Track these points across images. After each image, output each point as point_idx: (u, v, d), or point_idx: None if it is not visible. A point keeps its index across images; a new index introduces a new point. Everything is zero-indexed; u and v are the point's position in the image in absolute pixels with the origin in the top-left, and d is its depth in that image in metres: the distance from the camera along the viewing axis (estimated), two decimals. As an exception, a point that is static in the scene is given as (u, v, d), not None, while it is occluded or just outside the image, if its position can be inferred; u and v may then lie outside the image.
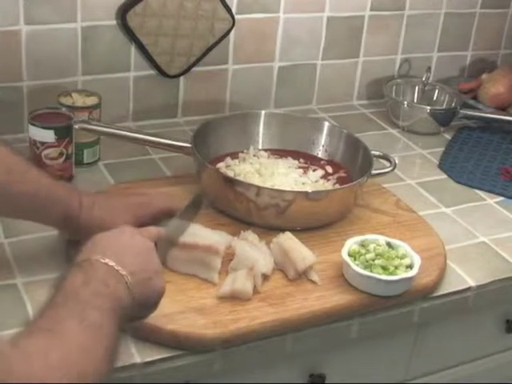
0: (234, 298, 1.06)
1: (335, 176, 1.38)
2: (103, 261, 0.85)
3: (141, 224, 1.09)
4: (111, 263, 0.85)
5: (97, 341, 0.77)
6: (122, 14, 1.48)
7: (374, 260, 1.12)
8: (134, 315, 0.89)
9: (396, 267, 1.12)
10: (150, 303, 0.92)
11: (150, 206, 1.13)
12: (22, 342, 0.73)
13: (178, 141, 1.34)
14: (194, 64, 1.59)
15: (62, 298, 0.80)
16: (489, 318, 1.33)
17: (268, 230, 1.22)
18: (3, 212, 1.07)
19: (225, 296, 1.07)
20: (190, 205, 1.15)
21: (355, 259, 1.13)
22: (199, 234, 1.13)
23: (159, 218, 1.13)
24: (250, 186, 1.23)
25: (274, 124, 1.46)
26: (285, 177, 1.33)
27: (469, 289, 1.21)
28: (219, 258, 1.09)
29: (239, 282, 1.07)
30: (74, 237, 1.10)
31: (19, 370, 0.68)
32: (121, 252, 0.88)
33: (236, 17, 1.58)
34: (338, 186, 1.34)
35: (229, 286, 1.07)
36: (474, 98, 1.82)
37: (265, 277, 1.11)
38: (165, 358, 1.00)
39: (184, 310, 1.04)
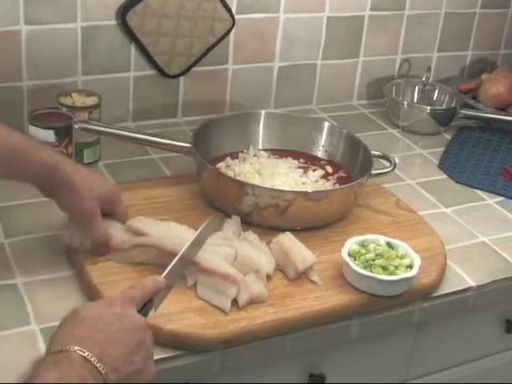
0: (252, 303, 1.05)
1: (335, 176, 1.38)
2: (82, 354, 0.77)
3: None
4: (90, 358, 0.77)
5: None
6: (122, 13, 1.48)
7: (374, 260, 1.12)
8: None
9: (396, 267, 1.12)
10: None
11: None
12: None
13: (178, 141, 1.34)
14: (194, 64, 1.59)
15: None
16: (489, 317, 1.33)
17: (268, 229, 1.22)
18: None
19: (245, 305, 1.05)
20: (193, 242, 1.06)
21: (355, 259, 1.13)
22: (213, 250, 1.10)
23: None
24: (250, 185, 1.23)
25: (274, 124, 1.45)
26: (285, 177, 1.33)
27: (469, 289, 1.21)
28: (236, 287, 1.05)
29: (254, 286, 1.06)
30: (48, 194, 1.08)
31: None
32: (106, 340, 0.80)
33: (236, 17, 1.58)
34: (337, 186, 1.34)
35: (245, 293, 1.05)
36: (474, 97, 1.82)
37: (266, 277, 1.11)
38: (165, 358, 1.00)
39: (184, 310, 1.03)
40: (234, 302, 1.05)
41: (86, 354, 0.77)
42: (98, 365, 0.78)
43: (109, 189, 1.13)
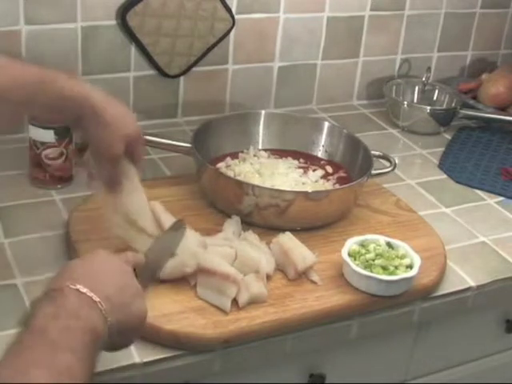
0: (252, 303, 1.06)
1: (335, 176, 1.38)
2: (74, 287, 0.79)
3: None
4: (83, 289, 0.80)
5: None
6: (122, 13, 1.48)
7: (374, 260, 1.12)
8: (114, 342, 0.84)
9: (396, 267, 1.12)
10: (129, 329, 0.85)
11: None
12: None
13: (178, 141, 1.34)
14: (194, 64, 1.59)
15: (30, 338, 0.75)
16: (489, 318, 1.33)
17: (268, 229, 1.22)
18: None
19: (245, 305, 1.05)
20: (170, 229, 1.05)
21: (355, 259, 1.13)
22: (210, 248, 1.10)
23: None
24: (250, 185, 1.23)
25: (274, 124, 1.46)
26: (285, 177, 1.33)
27: (469, 289, 1.21)
28: (236, 286, 1.05)
29: (254, 286, 1.06)
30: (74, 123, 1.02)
31: None
32: (94, 276, 0.83)
33: (236, 17, 1.58)
34: (337, 186, 1.34)
35: (245, 293, 1.05)
36: (474, 98, 1.82)
37: (266, 277, 1.11)
38: (165, 357, 1.00)
39: (184, 310, 1.03)
40: (234, 301, 1.05)
41: (77, 287, 0.79)
42: (90, 294, 0.79)
43: (136, 128, 1.05)
